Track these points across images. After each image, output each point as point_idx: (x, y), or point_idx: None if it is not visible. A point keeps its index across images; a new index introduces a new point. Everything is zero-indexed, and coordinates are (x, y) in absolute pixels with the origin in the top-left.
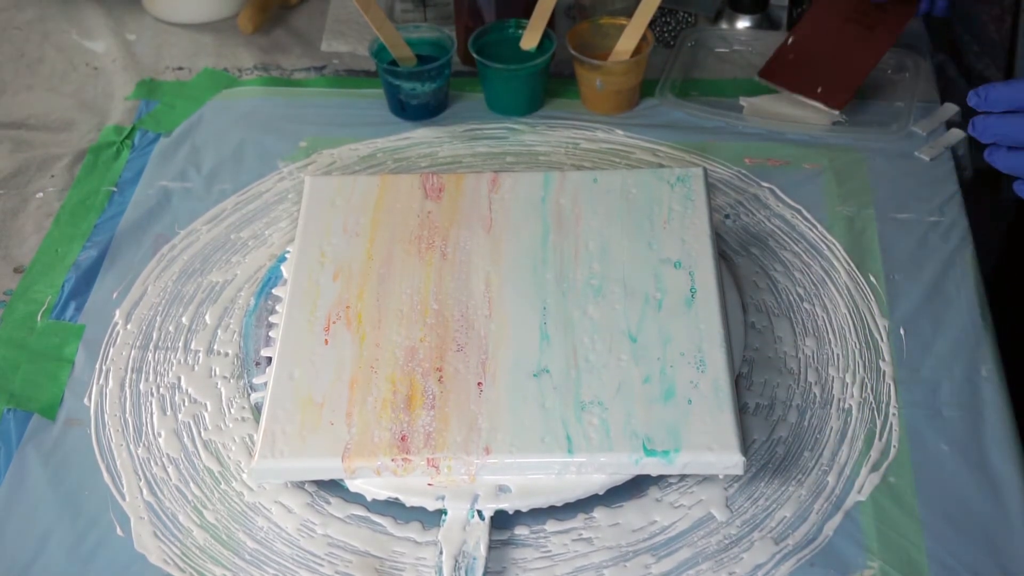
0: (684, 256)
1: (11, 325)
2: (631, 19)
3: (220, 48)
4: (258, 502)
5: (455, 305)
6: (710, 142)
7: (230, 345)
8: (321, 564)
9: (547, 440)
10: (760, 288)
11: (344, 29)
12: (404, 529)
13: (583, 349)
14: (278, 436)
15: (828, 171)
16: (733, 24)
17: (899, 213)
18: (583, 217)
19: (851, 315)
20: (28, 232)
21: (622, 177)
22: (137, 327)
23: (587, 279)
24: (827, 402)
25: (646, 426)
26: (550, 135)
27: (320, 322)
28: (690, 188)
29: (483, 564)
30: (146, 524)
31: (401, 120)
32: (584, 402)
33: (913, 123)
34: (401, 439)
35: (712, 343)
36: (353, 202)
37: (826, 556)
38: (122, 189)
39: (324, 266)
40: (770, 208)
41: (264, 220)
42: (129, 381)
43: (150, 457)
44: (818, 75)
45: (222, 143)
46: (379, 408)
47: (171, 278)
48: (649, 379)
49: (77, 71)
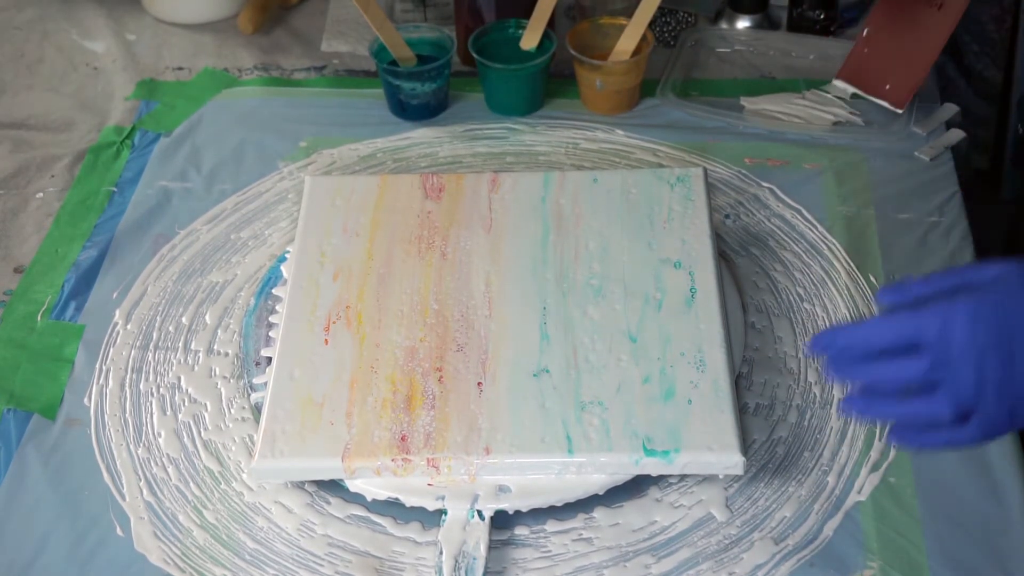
0: (684, 256)
1: (11, 325)
2: (631, 19)
3: (220, 48)
4: (258, 502)
5: (455, 305)
6: (710, 142)
7: (230, 345)
8: (321, 564)
9: (547, 440)
10: (760, 288)
11: (344, 29)
12: (404, 529)
13: (583, 349)
14: (278, 436)
15: (828, 171)
16: (733, 24)
17: (899, 213)
18: (583, 217)
19: (851, 315)
20: (28, 232)
21: (622, 177)
22: (137, 327)
23: (587, 279)
24: (827, 402)
25: (646, 426)
26: (550, 135)
27: (320, 322)
28: (690, 188)
29: (483, 564)
30: (146, 524)
31: (401, 120)
32: (584, 402)
33: (913, 123)
34: (401, 439)
35: (712, 343)
36: (353, 202)
37: (826, 556)
38: (122, 189)
39: (324, 266)
40: (770, 208)
41: (264, 220)
42: (129, 381)
43: (150, 457)
44: (886, 71)
45: (222, 143)
46: (379, 408)
47: (171, 278)
48: (649, 379)
49: (77, 71)
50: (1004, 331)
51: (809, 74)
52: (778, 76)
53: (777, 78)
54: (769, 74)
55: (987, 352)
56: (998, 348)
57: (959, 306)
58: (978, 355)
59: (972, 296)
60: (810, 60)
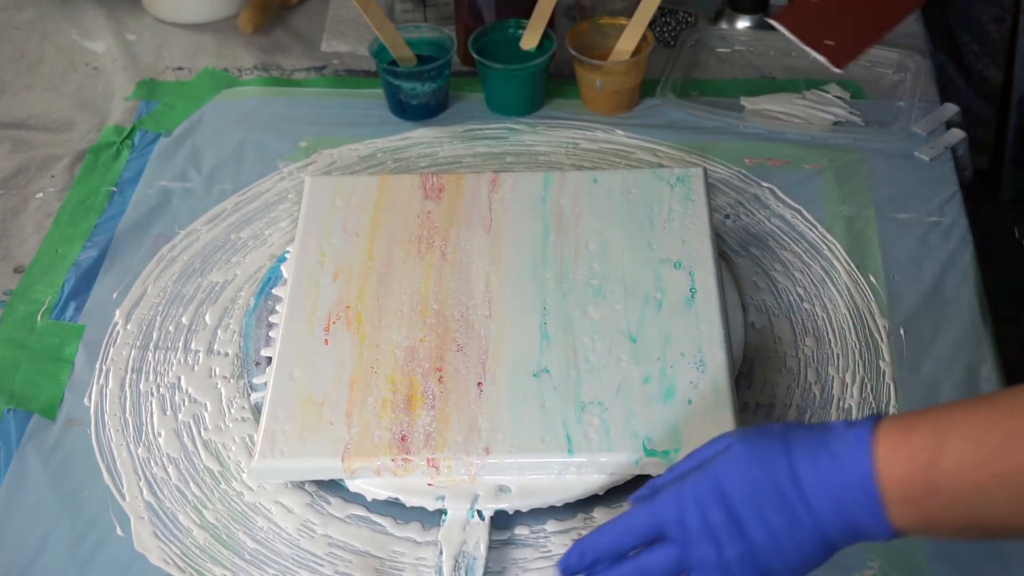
0: (684, 256)
1: (11, 325)
2: (631, 19)
3: (220, 48)
4: (258, 502)
5: (455, 305)
6: (710, 142)
7: (230, 345)
8: (321, 564)
9: (547, 440)
10: (760, 288)
11: (344, 29)
12: (404, 529)
13: (583, 349)
14: (278, 436)
15: (828, 171)
16: (733, 24)
17: (899, 213)
18: (583, 217)
19: (851, 315)
20: (28, 232)
21: (622, 177)
22: (137, 327)
23: (587, 279)
24: (827, 402)
25: (646, 426)
26: (550, 135)
27: (320, 322)
28: (690, 188)
29: (483, 564)
30: (146, 524)
31: (401, 120)
32: (584, 402)
33: (913, 123)
34: (401, 439)
35: (712, 343)
36: (353, 202)
37: None
38: (122, 189)
39: (324, 266)
40: (770, 208)
41: (264, 220)
42: (129, 381)
43: (150, 457)
44: (830, 28)
45: (222, 143)
46: (379, 408)
47: (171, 278)
48: (649, 379)
49: (77, 71)
50: (729, 506)
51: (809, 74)
52: (778, 76)
53: (777, 78)
54: (769, 74)
55: (720, 530)
56: (728, 525)
57: (686, 488)
58: (712, 534)
59: (698, 475)
60: (810, 60)
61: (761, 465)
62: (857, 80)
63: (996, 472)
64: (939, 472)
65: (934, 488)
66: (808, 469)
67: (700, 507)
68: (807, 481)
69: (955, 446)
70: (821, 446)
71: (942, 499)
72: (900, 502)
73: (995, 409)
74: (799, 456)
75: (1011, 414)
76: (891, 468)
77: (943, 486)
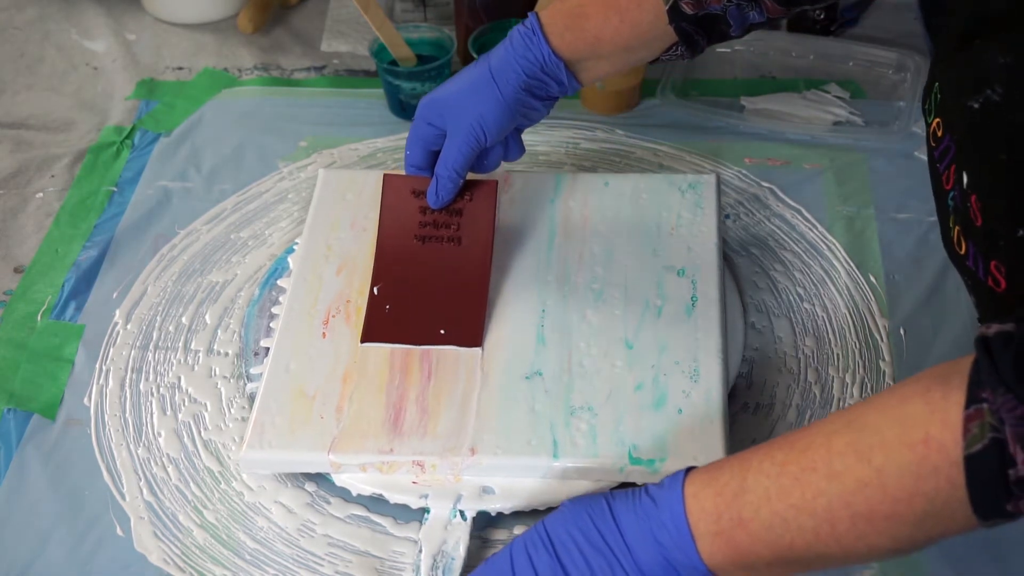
0: (688, 264)
1: (11, 325)
2: None
3: (220, 48)
4: (258, 502)
5: None
6: (710, 142)
7: (230, 345)
8: (321, 564)
9: (533, 443)
10: (760, 288)
11: (344, 29)
12: (404, 529)
13: (578, 353)
14: (267, 427)
15: (828, 171)
16: None
17: (899, 213)
18: (590, 220)
19: (851, 315)
20: (28, 232)
21: (634, 181)
22: (137, 327)
23: (589, 283)
24: (827, 402)
25: (634, 434)
26: (550, 135)
27: (320, 316)
28: (701, 195)
29: (461, 564)
30: (146, 524)
31: (401, 120)
32: (574, 407)
33: (913, 123)
34: (389, 436)
35: (708, 353)
36: (364, 197)
37: None
38: (122, 189)
39: (329, 260)
40: (770, 208)
41: (264, 220)
42: (129, 381)
43: (150, 457)
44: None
45: (222, 143)
46: (369, 404)
47: (171, 278)
48: (641, 386)
49: (77, 71)
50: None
51: (809, 74)
52: (778, 76)
53: (777, 78)
54: (769, 74)
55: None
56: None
57: (516, 541)
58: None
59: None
60: (810, 60)
61: (584, 511)
62: (857, 80)
63: (795, 503)
64: (743, 504)
65: (740, 520)
66: (627, 513)
67: (528, 554)
68: (624, 521)
69: (756, 480)
70: (641, 493)
71: (749, 531)
72: (711, 536)
73: (792, 447)
74: (620, 502)
75: (806, 449)
76: (700, 503)
77: (748, 518)
